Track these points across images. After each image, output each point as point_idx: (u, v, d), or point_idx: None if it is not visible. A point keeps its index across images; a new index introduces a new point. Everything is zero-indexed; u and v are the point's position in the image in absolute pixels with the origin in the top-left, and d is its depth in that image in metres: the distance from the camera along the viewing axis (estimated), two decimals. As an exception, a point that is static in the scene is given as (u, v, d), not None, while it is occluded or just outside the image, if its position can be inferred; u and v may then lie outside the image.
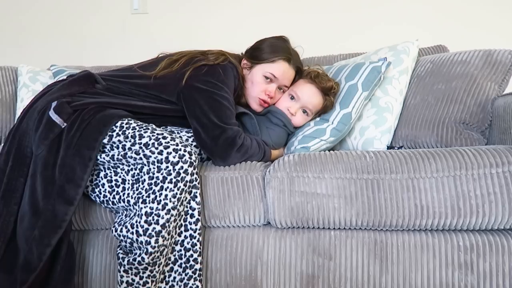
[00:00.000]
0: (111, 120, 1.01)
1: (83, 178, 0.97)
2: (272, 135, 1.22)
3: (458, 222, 0.94)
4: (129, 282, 0.95)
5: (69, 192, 0.96)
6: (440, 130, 1.19)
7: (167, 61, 1.18)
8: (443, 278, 0.95)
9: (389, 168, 0.96)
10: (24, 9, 2.22)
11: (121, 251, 0.98)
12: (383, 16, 2.00)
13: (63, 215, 0.95)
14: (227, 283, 1.02)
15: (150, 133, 0.99)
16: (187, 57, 1.17)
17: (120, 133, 0.99)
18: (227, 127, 1.07)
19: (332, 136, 1.22)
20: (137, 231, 0.93)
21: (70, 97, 1.06)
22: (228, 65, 1.17)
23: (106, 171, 1.04)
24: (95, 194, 1.04)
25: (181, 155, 0.95)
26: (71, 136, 0.99)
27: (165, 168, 0.94)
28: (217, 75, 1.13)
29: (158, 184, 0.94)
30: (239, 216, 1.04)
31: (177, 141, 0.98)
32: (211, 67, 1.14)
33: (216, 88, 1.11)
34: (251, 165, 1.06)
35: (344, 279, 0.98)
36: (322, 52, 1.71)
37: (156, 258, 0.94)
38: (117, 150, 0.99)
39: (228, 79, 1.15)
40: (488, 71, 1.22)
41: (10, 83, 1.66)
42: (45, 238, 0.94)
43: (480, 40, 1.68)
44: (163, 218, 0.93)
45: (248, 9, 2.10)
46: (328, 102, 1.25)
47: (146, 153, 0.96)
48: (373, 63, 1.27)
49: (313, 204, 0.98)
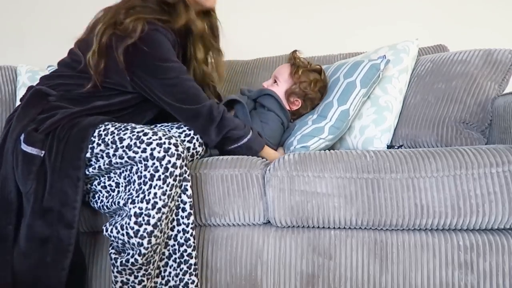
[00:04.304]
0: (87, 133, 0.97)
1: (76, 200, 0.95)
2: (266, 129, 1.23)
3: (458, 222, 0.94)
4: (124, 281, 0.94)
5: (67, 216, 0.95)
6: (440, 130, 1.19)
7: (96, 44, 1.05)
8: (443, 277, 0.94)
9: (389, 167, 0.96)
10: (24, 9, 2.22)
11: (113, 250, 0.95)
12: (383, 16, 2.00)
13: (68, 239, 0.95)
14: (227, 282, 1.02)
15: (130, 133, 0.94)
16: (106, 36, 1.04)
17: (100, 142, 0.96)
18: (198, 107, 1.05)
19: (331, 134, 1.22)
20: (128, 233, 0.90)
21: (33, 123, 1.01)
22: (152, 32, 1.04)
23: (100, 179, 1.02)
24: (94, 200, 1.03)
25: (166, 149, 0.91)
26: (53, 160, 0.96)
27: (152, 165, 0.90)
28: (152, 54, 1.03)
29: (146, 182, 0.90)
30: (239, 214, 1.03)
31: (160, 134, 0.93)
32: (140, 48, 1.02)
33: (162, 71, 1.04)
34: (251, 163, 1.06)
35: (344, 279, 0.98)
36: (322, 52, 1.71)
37: (150, 257, 0.93)
38: (102, 160, 0.97)
39: (165, 50, 1.05)
40: (488, 70, 1.22)
41: (9, 82, 1.66)
42: (58, 263, 0.94)
43: (480, 39, 1.67)
44: (154, 218, 0.90)
45: (248, 9, 2.10)
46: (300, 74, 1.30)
47: (130, 155, 0.93)
48: (372, 61, 1.27)
49: (313, 203, 0.98)
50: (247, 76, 1.72)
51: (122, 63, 1.03)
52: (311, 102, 1.32)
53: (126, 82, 1.07)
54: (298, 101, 1.32)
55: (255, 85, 1.62)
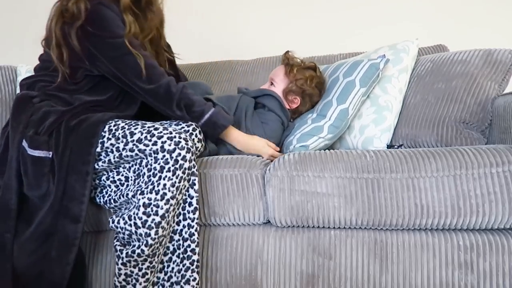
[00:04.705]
0: (97, 129, 0.98)
1: (85, 194, 0.96)
2: (266, 129, 1.24)
3: (458, 222, 0.94)
4: (128, 274, 0.94)
5: (74, 210, 0.95)
6: (440, 129, 1.19)
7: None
8: (443, 277, 0.94)
9: (389, 167, 0.96)
10: (24, 10, 2.22)
11: (118, 243, 0.96)
12: (383, 16, 2.00)
13: (74, 234, 0.95)
14: (227, 282, 1.02)
15: (141, 128, 0.97)
16: (58, 26, 1.05)
17: (111, 137, 0.98)
18: (155, 85, 1.06)
19: (330, 133, 1.22)
20: (135, 223, 0.91)
21: (29, 127, 1.02)
22: (96, 8, 1.03)
23: (108, 174, 1.03)
24: (101, 195, 1.03)
25: (177, 142, 0.93)
26: (60, 157, 0.97)
27: (162, 158, 0.92)
28: (100, 32, 1.03)
29: (156, 174, 0.92)
30: (239, 214, 1.03)
31: (170, 129, 0.95)
32: (87, 29, 1.02)
33: (112, 48, 1.04)
34: (250, 163, 1.06)
35: (344, 279, 0.98)
36: (322, 52, 1.71)
37: (155, 249, 0.93)
38: (112, 154, 0.98)
39: (112, 26, 1.04)
40: (488, 70, 1.22)
41: (9, 82, 1.66)
42: (63, 258, 0.95)
43: (480, 39, 1.67)
44: (163, 209, 0.91)
45: (248, 9, 2.10)
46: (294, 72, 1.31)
47: (141, 148, 0.94)
48: (372, 60, 1.27)
49: (313, 203, 0.98)
50: (247, 76, 1.72)
51: (78, 48, 1.04)
52: (309, 98, 1.32)
53: (90, 67, 1.07)
54: (297, 99, 1.32)
55: (255, 85, 1.62)
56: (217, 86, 1.71)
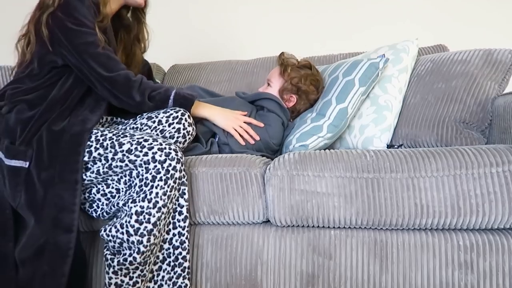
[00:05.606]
0: (82, 138, 0.98)
1: (75, 203, 0.95)
2: (268, 130, 1.25)
3: (458, 222, 0.94)
4: (118, 284, 0.94)
5: (65, 221, 0.95)
6: (440, 129, 1.19)
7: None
8: (443, 277, 0.94)
9: (389, 167, 0.96)
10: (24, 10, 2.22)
11: (108, 252, 0.96)
12: (383, 16, 2.00)
13: (67, 244, 0.94)
14: (227, 282, 1.02)
15: (129, 138, 0.97)
16: (35, 19, 1.07)
17: (98, 147, 0.98)
18: (114, 74, 1.05)
19: (329, 132, 1.22)
20: (128, 231, 0.91)
21: (3, 138, 1.02)
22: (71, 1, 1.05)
23: (97, 186, 1.03)
24: (92, 210, 1.03)
25: (167, 153, 0.95)
26: (45, 168, 0.96)
27: (154, 168, 0.93)
28: (66, 17, 1.04)
29: (148, 184, 0.93)
30: (238, 213, 1.03)
31: (160, 140, 0.97)
32: (56, 15, 1.04)
33: (76, 35, 1.03)
34: (250, 161, 1.06)
35: (344, 279, 0.98)
36: (322, 52, 1.72)
37: (147, 257, 0.93)
38: (100, 163, 0.98)
39: (80, 14, 1.05)
40: (488, 70, 1.22)
41: (9, 82, 1.66)
42: (58, 270, 0.94)
43: (480, 39, 1.68)
44: (155, 217, 0.92)
45: (248, 8, 2.10)
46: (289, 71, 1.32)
47: (131, 158, 0.95)
48: (371, 60, 1.27)
49: (313, 203, 0.98)
50: (247, 76, 1.72)
51: (46, 33, 1.04)
52: (305, 95, 1.33)
53: (54, 54, 1.06)
54: (293, 97, 1.33)
55: (255, 85, 1.62)
56: (217, 86, 1.70)
